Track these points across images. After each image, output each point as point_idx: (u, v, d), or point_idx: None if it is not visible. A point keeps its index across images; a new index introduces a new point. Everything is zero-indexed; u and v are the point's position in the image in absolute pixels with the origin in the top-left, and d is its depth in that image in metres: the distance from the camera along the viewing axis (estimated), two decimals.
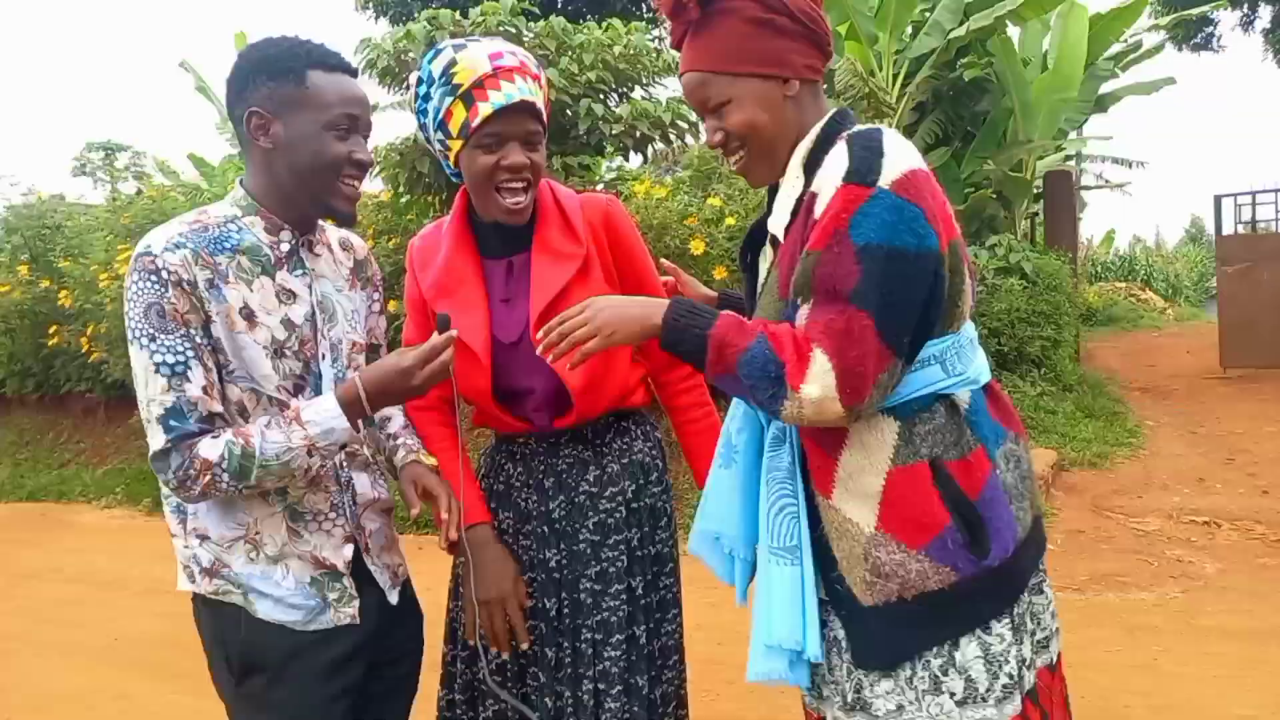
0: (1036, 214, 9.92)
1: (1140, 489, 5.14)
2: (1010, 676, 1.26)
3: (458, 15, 5.86)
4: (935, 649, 1.24)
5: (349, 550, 1.43)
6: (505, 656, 1.62)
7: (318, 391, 1.40)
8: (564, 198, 1.63)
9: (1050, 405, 6.22)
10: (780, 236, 1.31)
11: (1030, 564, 1.32)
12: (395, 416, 1.63)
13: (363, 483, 1.49)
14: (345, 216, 1.41)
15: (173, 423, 1.26)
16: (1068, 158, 10.82)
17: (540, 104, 1.52)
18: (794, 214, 1.28)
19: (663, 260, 1.74)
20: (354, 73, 1.41)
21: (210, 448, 1.27)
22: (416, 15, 6.28)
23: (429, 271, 1.63)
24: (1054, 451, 5.46)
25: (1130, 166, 12.72)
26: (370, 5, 13.05)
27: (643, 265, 1.68)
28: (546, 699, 1.58)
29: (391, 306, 6.00)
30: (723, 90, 1.29)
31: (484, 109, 1.47)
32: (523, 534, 1.64)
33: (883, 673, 1.26)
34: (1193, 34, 13.16)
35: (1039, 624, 1.35)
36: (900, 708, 1.25)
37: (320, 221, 1.47)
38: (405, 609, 1.54)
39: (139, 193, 9.14)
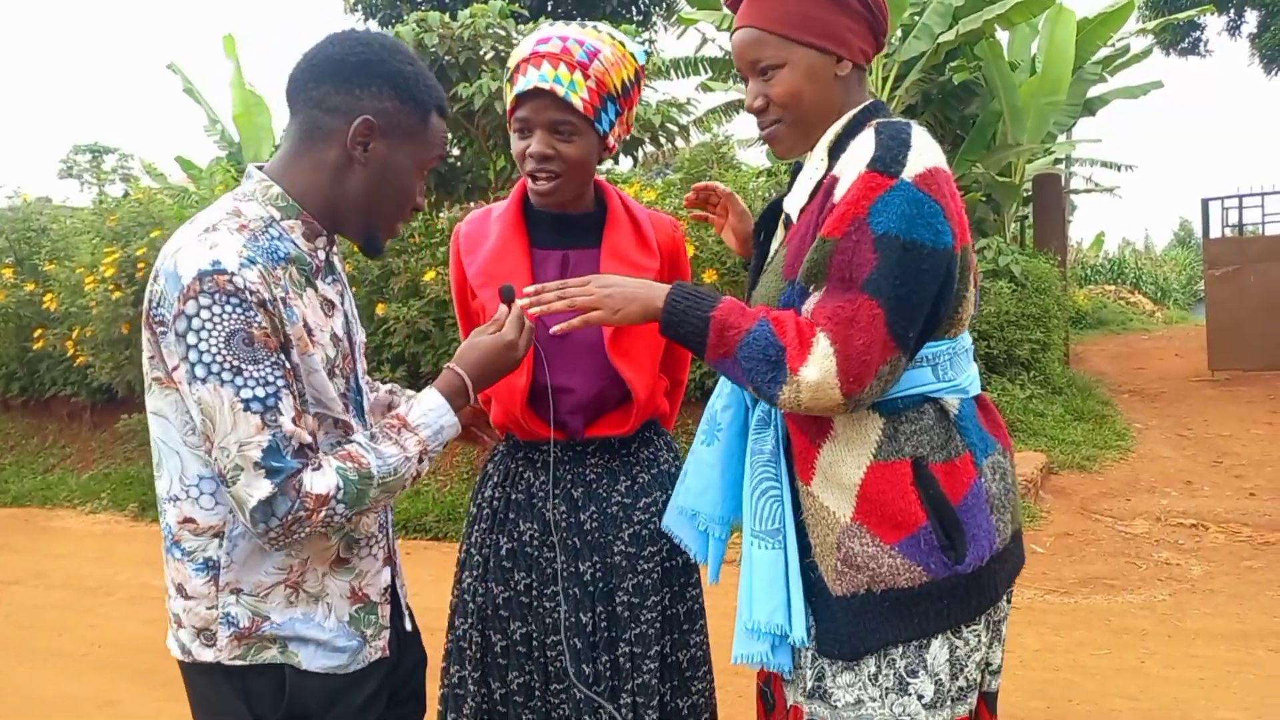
0: (1026, 217, 9.95)
1: (1128, 491, 5.16)
2: (968, 679, 1.28)
3: (446, 17, 5.85)
4: (901, 649, 1.24)
5: (387, 574, 1.34)
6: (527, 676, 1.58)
7: (359, 409, 1.30)
8: (635, 208, 1.63)
9: (1039, 408, 6.23)
10: (794, 217, 1.31)
11: (1006, 577, 1.31)
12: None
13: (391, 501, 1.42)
14: (378, 251, 1.33)
15: (275, 465, 1.10)
16: (1056, 161, 10.86)
17: (572, 95, 1.45)
18: (811, 195, 1.29)
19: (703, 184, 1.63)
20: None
21: (319, 481, 1.12)
22: (405, 17, 6.26)
23: (475, 257, 1.60)
24: (1043, 454, 5.47)
25: (1119, 170, 12.78)
26: (359, 7, 13.03)
27: None
28: (586, 716, 1.53)
29: (380, 310, 5.98)
30: (776, 54, 1.27)
31: (509, 94, 1.50)
32: (548, 546, 1.59)
33: (845, 665, 1.27)
34: (1180, 39, 13.25)
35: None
36: (860, 701, 1.25)
37: None
38: (413, 633, 1.47)
39: (126, 195, 9.08)
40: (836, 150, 1.28)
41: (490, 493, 1.66)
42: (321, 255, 1.27)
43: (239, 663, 1.21)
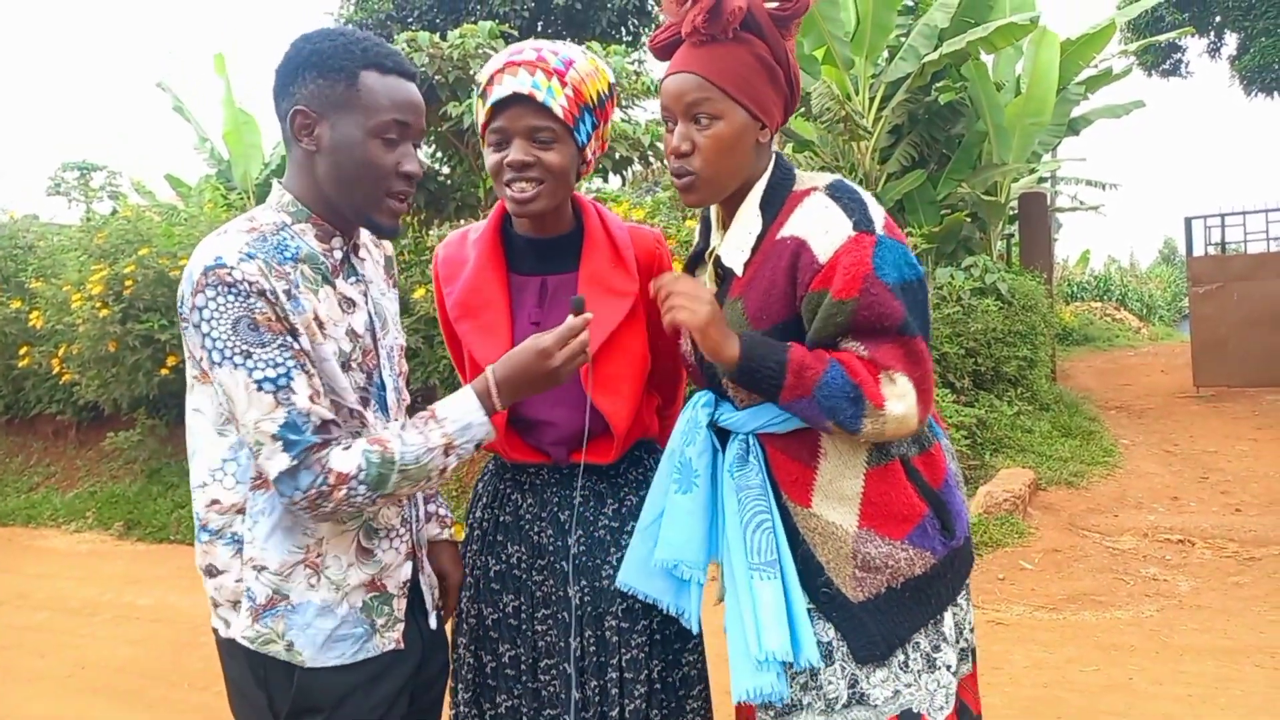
0: (1012, 235, 10.03)
1: (1116, 507, 5.18)
2: (966, 640, 1.43)
3: (436, 38, 5.88)
4: (923, 631, 1.35)
5: (408, 569, 1.36)
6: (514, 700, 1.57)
7: (381, 404, 1.34)
8: (614, 227, 1.57)
9: (1027, 424, 6.26)
10: (738, 270, 1.39)
11: (972, 544, 1.46)
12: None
13: (419, 496, 1.43)
14: (387, 231, 1.32)
15: (292, 438, 1.16)
16: (1041, 179, 10.97)
17: (551, 101, 1.41)
18: (754, 250, 1.37)
19: None
20: (412, 76, 1.31)
21: (344, 459, 1.18)
22: (395, 37, 6.30)
23: (454, 286, 1.56)
24: (1030, 470, 5.49)
25: (1104, 188, 12.92)
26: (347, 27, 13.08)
27: None
28: None
29: None
30: (717, 104, 1.33)
31: (482, 108, 1.46)
32: (536, 569, 1.56)
33: (877, 663, 1.33)
34: (1161, 60, 13.45)
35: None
36: (896, 693, 1.33)
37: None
38: (438, 633, 1.47)
39: (114, 213, 9.06)
40: (767, 206, 1.37)
41: (480, 514, 1.64)
42: (338, 255, 1.31)
43: (250, 646, 1.26)
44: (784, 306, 1.34)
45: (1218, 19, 12.64)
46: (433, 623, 1.43)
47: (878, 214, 1.32)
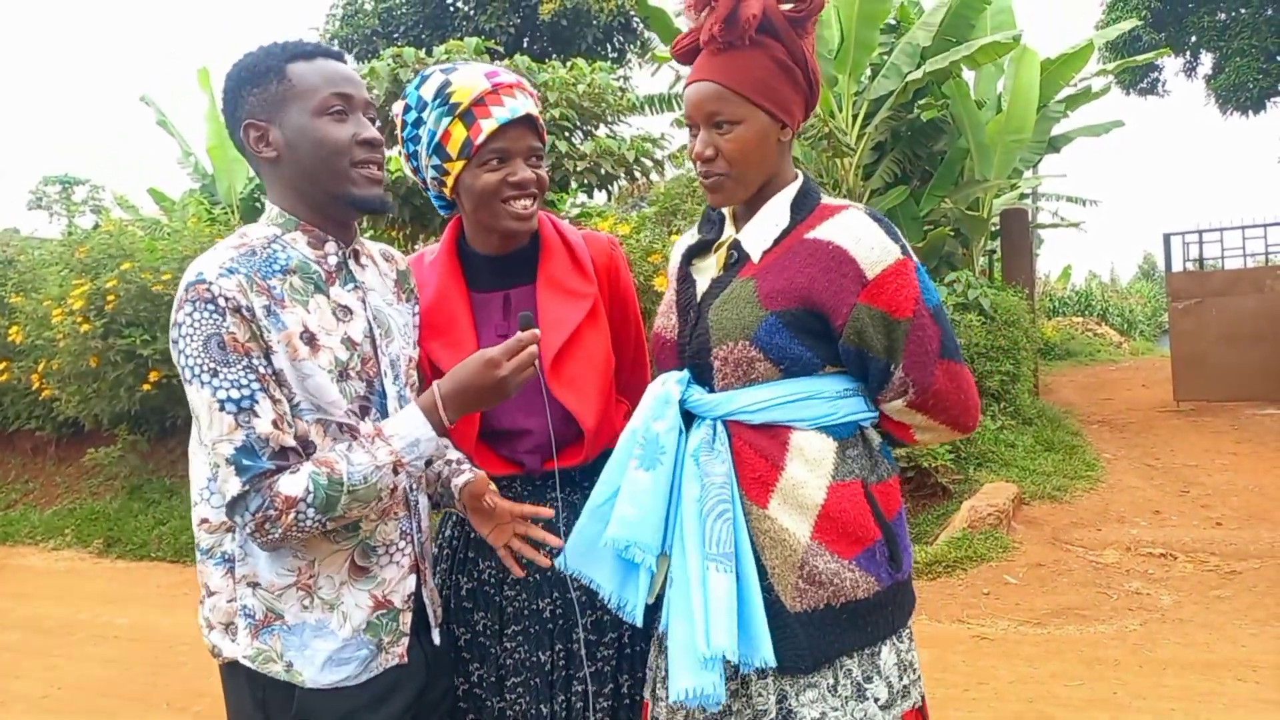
0: (994, 251, 10.12)
1: (1099, 521, 5.21)
2: (910, 677, 1.40)
3: (422, 53, 5.90)
4: (856, 658, 1.33)
5: (412, 581, 1.34)
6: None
7: (383, 413, 1.31)
8: (568, 233, 1.60)
9: (1010, 439, 6.30)
10: (755, 257, 1.40)
11: (913, 584, 1.46)
12: (451, 449, 1.53)
13: (424, 506, 1.42)
14: (371, 202, 1.30)
15: (246, 462, 1.16)
16: (1023, 196, 11.08)
17: (540, 123, 1.52)
18: (776, 241, 1.39)
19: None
20: (339, 56, 1.32)
21: (292, 483, 1.17)
22: (381, 53, 6.31)
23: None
24: (1014, 485, 5.52)
25: (1084, 205, 13.06)
26: (335, 43, 13.10)
27: (633, 308, 1.68)
28: None
29: None
30: (735, 110, 1.36)
31: (487, 125, 1.44)
32: (507, 585, 1.55)
33: (807, 682, 1.31)
34: (1139, 79, 13.64)
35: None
36: (823, 714, 1.31)
37: (359, 235, 1.40)
38: (442, 653, 1.45)
39: (96, 227, 8.99)
40: (798, 209, 1.40)
41: (450, 532, 1.63)
42: (333, 261, 1.31)
43: (251, 665, 1.25)
44: (802, 298, 1.34)
45: (1194, 39, 12.85)
46: (435, 638, 1.42)
47: (906, 240, 1.37)
